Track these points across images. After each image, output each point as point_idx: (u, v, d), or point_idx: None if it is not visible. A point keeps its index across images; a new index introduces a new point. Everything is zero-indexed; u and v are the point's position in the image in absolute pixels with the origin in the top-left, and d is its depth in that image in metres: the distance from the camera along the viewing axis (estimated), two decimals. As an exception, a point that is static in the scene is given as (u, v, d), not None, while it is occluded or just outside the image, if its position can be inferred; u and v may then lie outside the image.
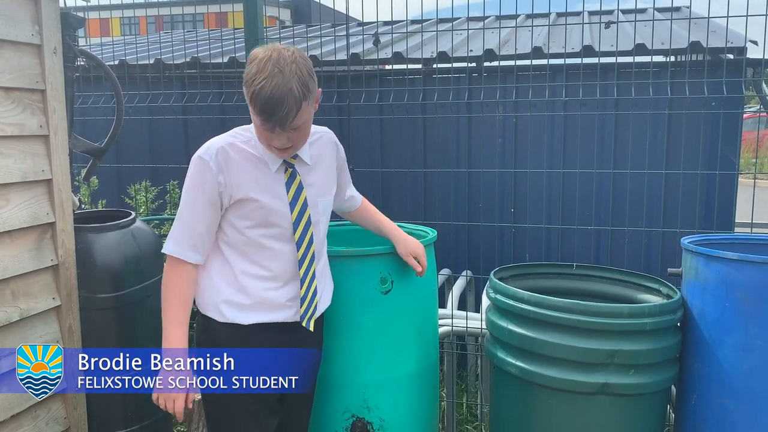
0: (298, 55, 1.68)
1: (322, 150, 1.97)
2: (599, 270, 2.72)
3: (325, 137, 2.00)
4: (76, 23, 2.54)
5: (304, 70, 1.66)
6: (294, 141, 1.76)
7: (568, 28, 3.85)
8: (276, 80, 1.62)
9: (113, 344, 2.50)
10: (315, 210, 1.93)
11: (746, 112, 4.68)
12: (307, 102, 1.69)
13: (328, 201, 2.00)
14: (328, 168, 2.00)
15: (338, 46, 4.37)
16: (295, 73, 1.64)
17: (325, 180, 1.98)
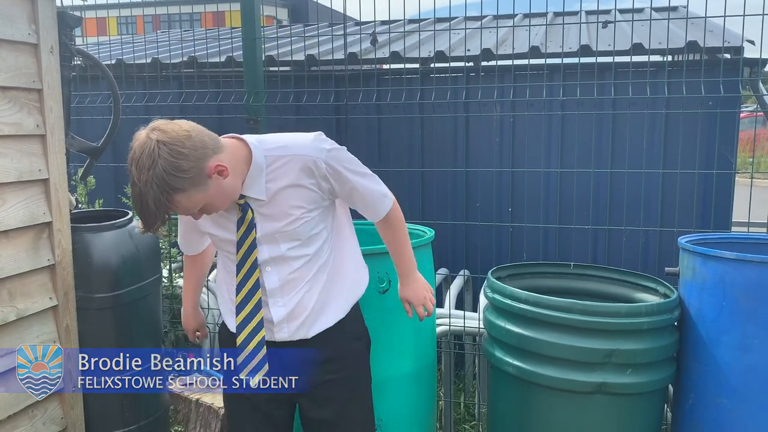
0: (164, 147, 1.58)
1: (286, 175, 1.78)
2: (597, 269, 2.72)
3: (292, 162, 1.77)
4: (72, 22, 2.53)
5: (170, 165, 1.57)
6: (214, 210, 1.75)
7: (566, 27, 3.86)
8: (135, 190, 1.64)
9: (110, 344, 2.50)
10: (273, 243, 1.82)
11: (743, 112, 4.68)
12: (185, 192, 1.61)
13: (294, 231, 1.81)
14: (296, 192, 1.79)
15: (335, 46, 4.37)
16: (149, 181, 1.59)
17: (289, 212, 1.80)
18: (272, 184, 1.77)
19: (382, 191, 1.94)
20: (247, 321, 1.87)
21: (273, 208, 1.79)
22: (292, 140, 1.81)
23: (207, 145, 1.64)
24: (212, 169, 1.63)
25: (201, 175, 1.61)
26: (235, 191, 1.75)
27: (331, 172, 1.79)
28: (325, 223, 1.89)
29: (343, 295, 1.95)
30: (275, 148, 1.78)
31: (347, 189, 1.85)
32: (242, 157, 1.75)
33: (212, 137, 1.68)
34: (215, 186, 1.66)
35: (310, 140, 1.80)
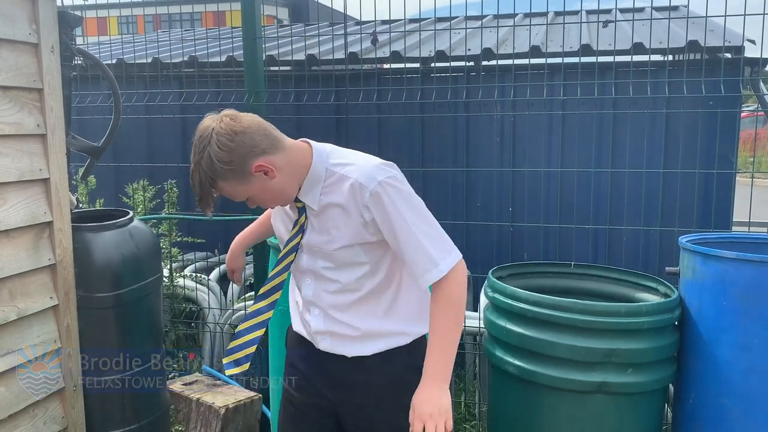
0: (219, 133, 1.64)
1: (336, 194, 1.74)
2: (597, 269, 2.72)
3: (343, 182, 1.72)
4: (73, 22, 2.53)
5: (217, 154, 1.64)
6: (266, 204, 1.82)
7: (566, 27, 3.86)
8: (190, 168, 1.70)
9: (111, 343, 2.50)
10: (312, 256, 1.82)
11: (744, 111, 4.68)
12: (226, 181, 1.67)
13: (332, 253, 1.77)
14: (341, 215, 1.74)
15: (336, 45, 4.37)
16: (199, 162, 1.67)
17: (333, 230, 1.76)
18: (325, 197, 1.76)
19: (432, 257, 1.68)
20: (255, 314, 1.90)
21: (320, 221, 1.79)
22: (355, 160, 1.77)
23: (257, 144, 1.67)
24: (256, 168, 1.67)
25: (243, 171, 1.67)
26: (286, 192, 1.76)
27: (374, 205, 1.68)
28: (371, 257, 1.78)
29: (390, 335, 1.83)
30: (337, 164, 1.76)
31: (389, 231, 1.70)
32: (303, 163, 1.76)
33: (269, 137, 1.70)
34: (260, 183, 1.70)
35: (371, 166, 1.73)
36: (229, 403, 3.07)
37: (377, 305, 1.82)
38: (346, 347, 1.84)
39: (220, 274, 4.02)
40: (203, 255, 4.24)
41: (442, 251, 1.69)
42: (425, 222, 1.71)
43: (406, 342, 1.84)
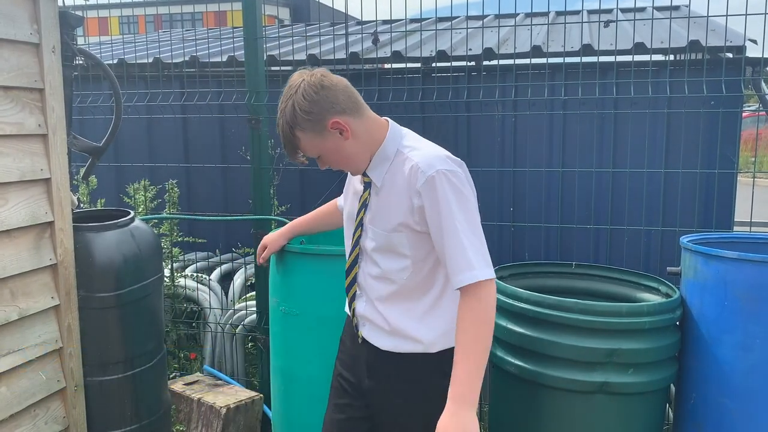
0: (306, 84, 1.73)
1: (399, 175, 1.77)
2: (598, 269, 2.72)
3: (407, 166, 1.75)
4: (74, 22, 2.53)
5: (300, 104, 1.72)
6: (334, 165, 1.86)
7: (567, 26, 3.85)
8: (278, 114, 1.79)
9: (112, 343, 2.50)
10: (365, 234, 1.87)
11: (745, 111, 4.67)
12: (304, 131, 1.75)
13: (380, 233, 1.81)
14: (397, 199, 1.77)
15: (337, 45, 4.37)
16: (284, 110, 1.76)
17: (387, 210, 1.79)
18: (390, 175, 1.81)
19: (470, 261, 1.65)
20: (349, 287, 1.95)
21: (379, 200, 1.83)
22: (424, 146, 1.81)
23: (339, 102, 1.74)
24: (332, 124, 1.74)
25: (320, 124, 1.73)
26: (356, 159, 1.82)
27: (426, 192, 1.69)
28: (413, 252, 1.79)
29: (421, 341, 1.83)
30: (407, 147, 1.81)
31: (434, 223, 1.69)
32: (377, 137, 1.82)
33: (352, 99, 1.77)
34: (333, 141, 1.77)
35: (436, 155, 1.75)
36: (230, 403, 3.07)
37: (414, 306, 1.84)
38: (379, 339, 1.89)
39: (221, 274, 4.02)
40: (204, 255, 4.24)
41: (480, 260, 1.67)
42: (471, 226, 1.69)
43: (437, 349, 1.84)
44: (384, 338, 1.89)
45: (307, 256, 2.48)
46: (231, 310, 3.70)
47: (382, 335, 1.89)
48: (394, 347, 1.87)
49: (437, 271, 1.82)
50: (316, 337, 2.48)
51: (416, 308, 1.84)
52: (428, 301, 1.84)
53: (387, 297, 1.86)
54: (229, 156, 4.14)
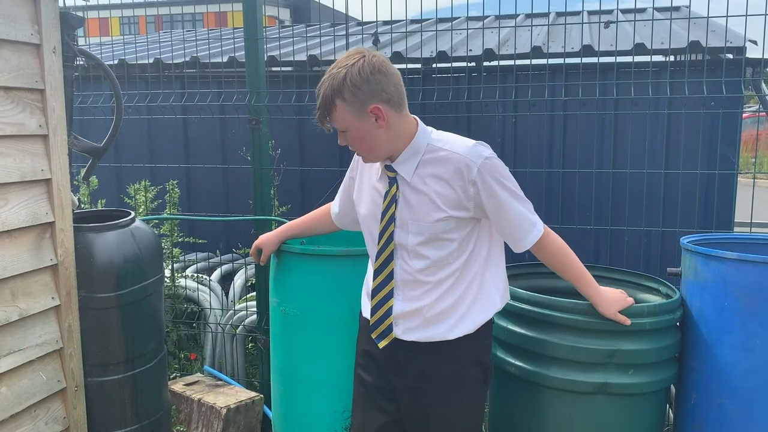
0: (366, 62, 1.75)
1: (438, 167, 1.84)
2: (598, 269, 2.71)
3: (448, 158, 1.83)
4: (75, 23, 2.54)
5: (353, 76, 1.74)
6: (354, 146, 1.88)
7: (568, 27, 3.85)
8: (324, 77, 1.81)
9: (113, 344, 2.50)
10: (403, 230, 1.87)
11: (745, 112, 4.67)
12: (344, 102, 1.76)
13: (426, 226, 1.84)
14: (441, 185, 1.83)
15: (338, 46, 4.37)
16: (334, 75, 1.76)
17: (429, 203, 1.84)
18: (424, 169, 1.85)
19: (531, 220, 1.91)
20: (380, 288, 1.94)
21: (416, 194, 1.86)
22: (456, 139, 1.89)
23: (387, 91, 1.77)
24: (373, 108, 1.77)
25: (363, 104, 1.76)
26: (380, 148, 1.85)
27: (481, 180, 1.80)
28: (459, 234, 1.86)
29: (467, 317, 1.91)
30: (439, 140, 1.88)
31: (494, 203, 1.83)
32: (409, 131, 1.87)
33: (399, 94, 1.82)
34: (367, 125, 1.79)
35: (472, 144, 1.85)
36: (230, 403, 3.08)
37: (459, 288, 1.89)
38: (417, 332, 1.90)
39: (221, 275, 4.02)
40: (205, 255, 4.24)
41: (533, 214, 1.93)
42: (518, 191, 1.89)
43: (478, 324, 1.91)
44: (422, 330, 1.90)
45: (308, 256, 2.48)
46: (231, 310, 3.71)
47: (420, 328, 1.90)
48: (435, 336, 1.89)
49: (480, 247, 1.91)
50: (317, 338, 2.48)
51: (461, 289, 1.89)
52: (473, 276, 1.91)
53: (435, 285, 1.88)
54: (230, 156, 4.14)
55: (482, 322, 1.93)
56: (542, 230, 1.93)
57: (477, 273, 1.91)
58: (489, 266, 1.95)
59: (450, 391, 1.92)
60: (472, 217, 1.86)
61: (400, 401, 1.97)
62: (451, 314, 1.89)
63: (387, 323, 1.93)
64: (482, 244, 1.92)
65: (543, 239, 1.94)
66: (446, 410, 1.93)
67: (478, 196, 1.81)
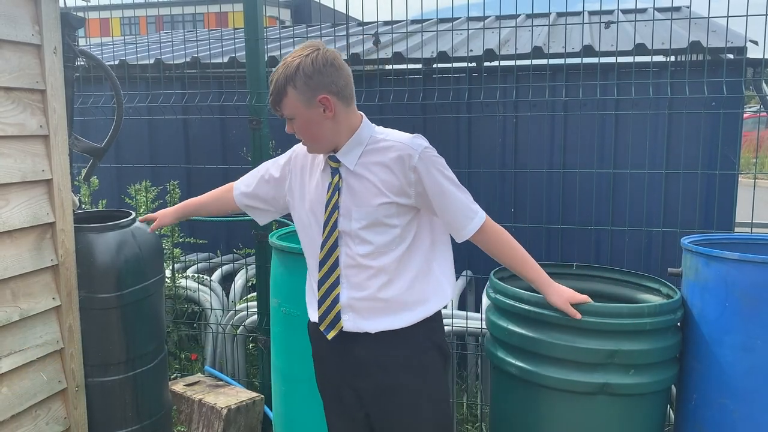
0: (320, 54, 1.83)
1: (380, 156, 1.91)
2: (599, 270, 2.72)
3: (390, 148, 1.91)
4: (76, 23, 2.54)
5: (306, 66, 1.81)
6: (300, 133, 1.94)
7: (568, 28, 3.85)
8: (279, 65, 1.88)
9: (113, 344, 2.50)
10: (347, 217, 1.92)
11: (746, 112, 4.67)
12: (295, 90, 1.83)
13: (369, 211, 1.90)
14: (384, 171, 1.90)
15: (338, 46, 4.37)
16: (288, 63, 1.84)
17: (372, 188, 1.90)
18: (366, 158, 1.93)
19: (472, 208, 1.96)
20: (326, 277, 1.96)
21: (359, 181, 1.92)
22: (396, 132, 1.98)
23: (336, 84, 1.86)
24: (321, 98, 1.84)
25: (312, 94, 1.84)
26: (324, 139, 1.92)
27: (423, 166, 1.88)
28: (401, 221, 1.92)
29: (417, 306, 1.95)
30: (381, 132, 1.98)
31: (435, 190, 1.89)
32: (353, 125, 1.95)
33: (349, 89, 1.90)
34: (315, 114, 1.87)
35: (412, 136, 1.95)
36: (231, 403, 3.08)
37: (405, 271, 1.93)
38: (368, 322, 1.93)
39: (222, 275, 4.02)
40: (205, 256, 4.25)
41: (474, 203, 1.97)
42: (456, 181, 1.95)
43: (428, 313, 1.95)
44: (377, 319, 1.92)
45: (308, 256, 2.48)
46: (232, 310, 3.71)
47: (373, 316, 1.92)
48: (389, 324, 1.92)
49: (423, 236, 1.97)
50: (317, 338, 2.48)
51: (408, 275, 1.94)
52: (418, 265, 1.95)
53: (377, 271, 1.91)
54: (230, 157, 4.14)
55: (433, 311, 1.97)
56: (483, 219, 1.97)
57: (423, 262, 1.96)
58: (435, 257, 2.00)
59: (410, 378, 1.94)
60: (413, 205, 1.92)
61: (366, 402, 1.99)
62: (400, 303, 1.93)
63: (335, 312, 1.95)
64: (424, 234, 1.97)
65: (484, 228, 1.97)
66: (411, 398, 1.95)
67: (420, 183, 1.88)
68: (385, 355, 1.93)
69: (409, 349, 1.94)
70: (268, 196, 2.19)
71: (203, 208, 2.43)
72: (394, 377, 1.93)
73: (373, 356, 1.93)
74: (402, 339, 1.93)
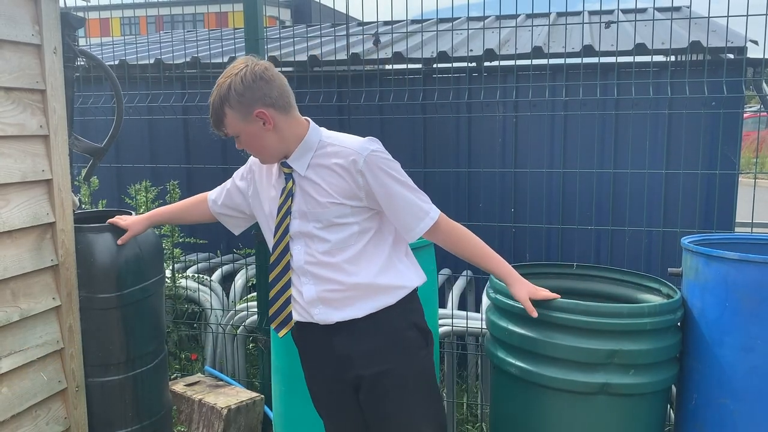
0: (248, 71, 1.89)
1: (329, 160, 1.96)
2: (599, 270, 2.72)
3: (338, 152, 1.95)
4: (76, 23, 2.54)
5: (236, 85, 1.88)
6: (248, 148, 2.01)
7: (568, 27, 3.85)
8: (213, 89, 1.94)
9: (113, 344, 2.50)
10: (303, 219, 1.98)
11: (746, 112, 4.67)
12: (231, 109, 1.90)
13: (321, 212, 1.95)
14: (333, 180, 1.94)
15: (338, 46, 4.37)
16: (221, 84, 1.91)
17: (323, 191, 1.95)
18: (317, 161, 1.97)
19: (423, 208, 1.98)
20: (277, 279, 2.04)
21: (311, 185, 1.97)
22: (346, 137, 2.02)
23: (271, 96, 1.90)
24: (258, 113, 1.90)
25: (248, 109, 1.90)
26: (270, 150, 1.98)
27: (369, 170, 1.91)
28: (357, 218, 1.96)
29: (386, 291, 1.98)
30: (330, 137, 2.01)
31: (383, 192, 1.93)
32: (298, 133, 1.99)
33: (284, 98, 1.94)
34: (256, 128, 1.93)
35: (361, 140, 1.98)
36: (231, 403, 3.08)
37: (370, 262, 1.97)
38: (338, 312, 1.97)
39: (222, 275, 4.02)
40: (205, 256, 4.25)
41: (426, 203, 1.99)
42: (408, 182, 1.98)
43: (399, 297, 1.98)
44: (346, 308, 1.96)
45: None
46: (232, 311, 3.71)
47: (342, 306, 1.96)
48: (360, 312, 1.95)
49: (384, 225, 2.02)
50: (317, 338, 2.47)
51: (373, 262, 1.98)
52: (384, 254, 2.00)
53: (340, 264, 1.95)
54: (230, 157, 4.14)
55: (402, 296, 2.00)
56: (435, 218, 1.98)
57: (386, 254, 1.99)
58: (396, 251, 2.04)
59: (393, 361, 1.97)
60: (366, 206, 1.96)
61: (354, 391, 2.03)
62: (367, 291, 1.96)
63: (287, 311, 2.03)
64: (386, 228, 2.02)
65: (437, 227, 2.00)
66: (397, 380, 1.98)
67: (368, 185, 1.92)
68: (364, 344, 1.97)
69: (387, 333, 1.98)
70: (235, 204, 2.27)
71: (175, 216, 2.49)
72: (377, 363, 1.97)
73: (353, 347, 1.98)
74: (377, 324, 1.97)
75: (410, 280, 2.03)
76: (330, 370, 2.04)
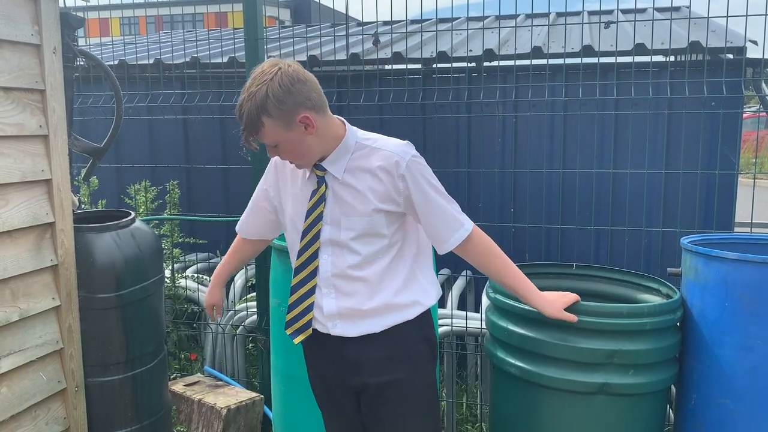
0: (283, 74, 1.76)
1: (368, 163, 1.88)
2: (599, 270, 2.72)
3: (377, 154, 1.87)
4: (75, 23, 2.54)
5: (274, 91, 1.74)
6: (286, 156, 1.90)
7: (568, 28, 3.85)
8: (241, 97, 1.83)
9: (113, 344, 2.50)
10: (335, 226, 1.90)
11: (746, 112, 4.67)
12: (271, 118, 1.77)
13: (358, 220, 1.87)
14: (371, 179, 1.87)
15: (338, 46, 4.37)
16: (254, 93, 1.78)
17: (361, 197, 1.87)
18: (354, 164, 1.89)
19: (459, 219, 1.92)
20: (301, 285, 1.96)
21: (347, 189, 1.88)
22: (383, 138, 1.94)
23: (312, 98, 1.80)
24: (301, 118, 1.78)
25: (291, 116, 1.78)
26: (311, 153, 1.87)
27: (409, 176, 1.85)
28: (389, 230, 1.90)
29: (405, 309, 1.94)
30: (367, 139, 1.92)
31: (422, 200, 1.87)
32: (336, 133, 1.90)
33: (321, 98, 1.84)
34: (297, 134, 1.81)
35: (400, 143, 1.91)
36: (230, 403, 3.08)
37: (393, 278, 1.92)
38: (356, 327, 1.92)
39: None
40: (205, 256, 4.24)
41: (461, 214, 1.94)
42: (443, 191, 1.93)
43: (416, 313, 1.94)
44: (365, 323, 1.92)
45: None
46: (232, 311, 3.71)
47: (361, 321, 1.92)
48: (378, 327, 1.91)
49: (409, 243, 1.96)
50: (317, 338, 2.47)
51: (395, 282, 1.92)
52: (406, 268, 1.95)
53: (367, 279, 1.90)
54: (230, 157, 4.14)
55: (420, 312, 1.96)
56: (470, 230, 1.93)
57: (409, 269, 1.95)
58: (419, 265, 1.99)
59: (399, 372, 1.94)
60: (402, 212, 1.90)
61: (358, 399, 2.00)
62: (387, 308, 1.92)
63: (306, 319, 1.95)
64: (411, 241, 1.97)
65: (471, 239, 1.94)
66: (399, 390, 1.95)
67: (408, 191, 1.86)
68: (375, 353, 1.93)
69: (399, 345, 1.95)
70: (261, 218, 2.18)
71: (235, 267, 2.38)
72: (385, 372, 1.94)
73: (363, 355, 1.94)
74: (391, 335, 1.93)
75: (429, 298, 1.99)
76: (335, 374, 2.01)
